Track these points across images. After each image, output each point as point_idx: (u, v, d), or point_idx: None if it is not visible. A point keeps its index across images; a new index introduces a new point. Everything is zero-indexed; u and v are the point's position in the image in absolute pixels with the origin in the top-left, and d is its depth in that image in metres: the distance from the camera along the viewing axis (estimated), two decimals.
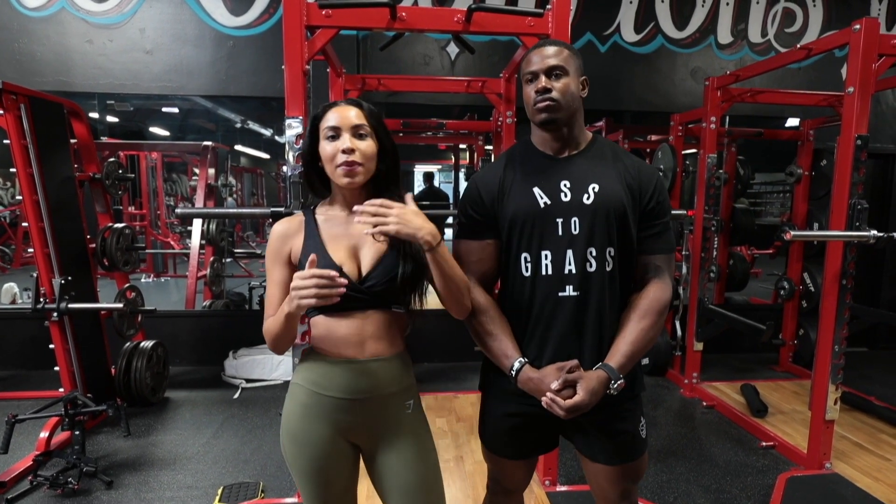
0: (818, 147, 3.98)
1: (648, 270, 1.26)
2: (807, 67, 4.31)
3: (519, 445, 1.35)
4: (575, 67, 1.23)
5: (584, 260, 1.20)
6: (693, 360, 3.57)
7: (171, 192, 8.77)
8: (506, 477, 1.42)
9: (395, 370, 1.21)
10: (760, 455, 2.76)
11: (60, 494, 2.30)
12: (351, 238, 1.20)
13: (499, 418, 1.33)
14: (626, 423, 1.27)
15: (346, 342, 1.16)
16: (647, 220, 1.24)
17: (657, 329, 1.22)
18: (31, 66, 3.76)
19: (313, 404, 1.18)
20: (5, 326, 3.89)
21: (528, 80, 1.24)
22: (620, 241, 1.22)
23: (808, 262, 3.98)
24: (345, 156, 1.14)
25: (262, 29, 3.90)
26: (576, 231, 1.21)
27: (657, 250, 1.26)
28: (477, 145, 5.38)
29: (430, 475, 1.24)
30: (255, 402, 3.41)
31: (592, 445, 1.29)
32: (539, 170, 1.26)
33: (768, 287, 5.76)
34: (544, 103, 1.20)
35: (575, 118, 1.25)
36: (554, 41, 1.25)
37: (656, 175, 1.27)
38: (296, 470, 1.21)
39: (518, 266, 1.25)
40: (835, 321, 2.42)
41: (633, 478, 1.31)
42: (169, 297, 6.70)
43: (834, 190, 2.43)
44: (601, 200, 1.21)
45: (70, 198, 2.88)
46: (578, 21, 4.10)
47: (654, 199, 1.24)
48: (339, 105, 1.19)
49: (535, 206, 1.22)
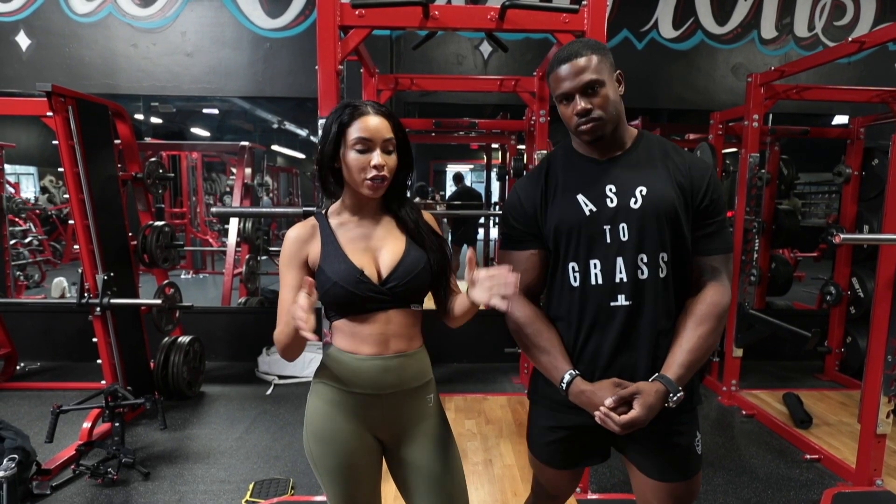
0: (869, 146, 3.78)
1: (704, 272, 1.19)
2: (857, 62, 4.11)
3: (567, 456, 1.30)
4: (609, 70, 1.14)
5: (635, 267, 1.15)
6: (732, 366, 3.44)
7: (211, 191, 9.01)
8: (551, 485, 1.39)
9: (418, 365, 1.24)
10: (804, 468, 2.64)
11: (101, 484, 2.39)
12: (367, 241, 1.22)
13: (547, 429, 1.29)
14: (682, 437, 1.20)
15: (371, 341, 1.19)
16: (701, 220, 1.18)
17: (716, 335, 1.15)
18: (79, 69, 3.91)
19: (340, 402, 1.20)
20: (55, 319, 4.06)
21: (562, 101, 1.17)
22: (674, 244, 1.16)
23: (856, 267, 3.79)
24: (375, 171, 1.15)
25: (298, 31, 3.95)
26: (625, 237, 1.15)
27: (713, 251, 1.19)
28: (509, 145, 5.33)
29: (452, 465, 1.27)
30: (287, 398, 3.46)
31: (645, 457, 1.23)
32: (582, 175, 1.21)
33: (812, 291, 5.52)
34: (588, 125, 1.14)
35: (619, 122, 1.18)
36: (579, 47, 1.14)
37: (709, 170, 1.19)
38: (322, 469, 1.21)
39: (566, 276, 1.20)
40: (888, 329, 2.29)
41: (686, 498, 1.23)
42: (206, 294, 6.89)
43: (888, 191, 2.31)
44: (650, 203, 1.14)
45: (113, 196, 2.99)
46: (615, 17, 4.02)
47: (708, 197, 1.17)
48: (369, 114, 1.16)
49: (581, 214, 1.17)
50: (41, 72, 3.86)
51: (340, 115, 1.17)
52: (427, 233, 1.25)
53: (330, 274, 1.16)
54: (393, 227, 1.25)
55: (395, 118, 1.21)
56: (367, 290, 1.16)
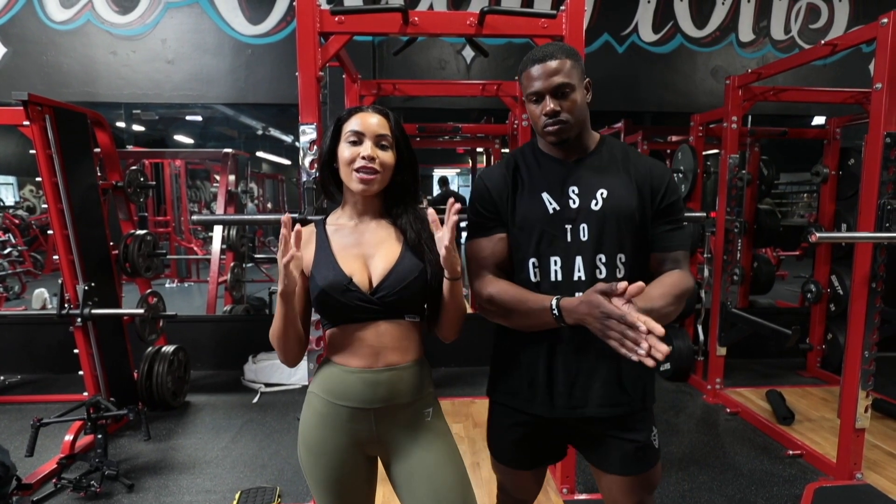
0: (845, 146, 3.87)
1: (666, 264, 1.21)
2: (832, 64, 4.19)
3: (526, 455, 1.33)
4: (579, 75, 1.17)
5: (593, 267, 1.18)
6: (716, 365, 3.48)
7: (195, 199, 8.94)
8: (515, 487, 1.40)
9: (412, 379, 1.18)
10: (787, 464, 2.68)
11: (83, 497, 2.34)
12: (361, 248, 1.19)
13: (508, 427, 1.31)
14: (638, 434, 1.24)
15: (361, 352, 1.15)
16: (661, 219, 1.21)
17: (675, 303, 1.12)
18: (58, 77, 3.86)
19: (329, 414, 1.17)
20: (35, 331, 3.99)
21: (532, 100, 1.19)
22: (632, 246, 1.20)
23: (836, 265, 3.86)
24: (364, 161, 1.13)
25: (280, 37, 3.94)
26: (584, 237, 1.18)
27: (674, 247, 1.22)
28: (493, 148, 5.37)
29: (457, 479, 1.19)
30: (274, 406, 3.43)
31: (604, 456, 1.26)
32: (548, 174, 1.24)
33: (794, 290, 5.61)
34: (555, 127, 1.17)
35: (584, 126, 1.23)
36: (553, 49, 1.17)
37: (668, 174, 1.23)
38: (312, 479, 1.20)
39: (526, 271, 1.23)
40: (864, 325, 2.34)
41: (647, 488, 1.27)
42: (192, 302, 6.82)
43: (862, 190, 2.35)
44: (610, 206, 1.18)
45: (94, 206, 2.95)
46: (595, 21, 4.06)
47: (667, 199, 1.21)
48: (365, 111, 1.18)
49: (545, 212, 1.20)
50: (18, 80, 3.80)
51: (340, 114, 1.18)
52: (429, 243, 1.18)
53: (318, 281, 1.14)
54: (391, 233, 1.21)
55: (396, 119, 1.20)
56: (355, 298, 1.12)
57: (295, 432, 1.23)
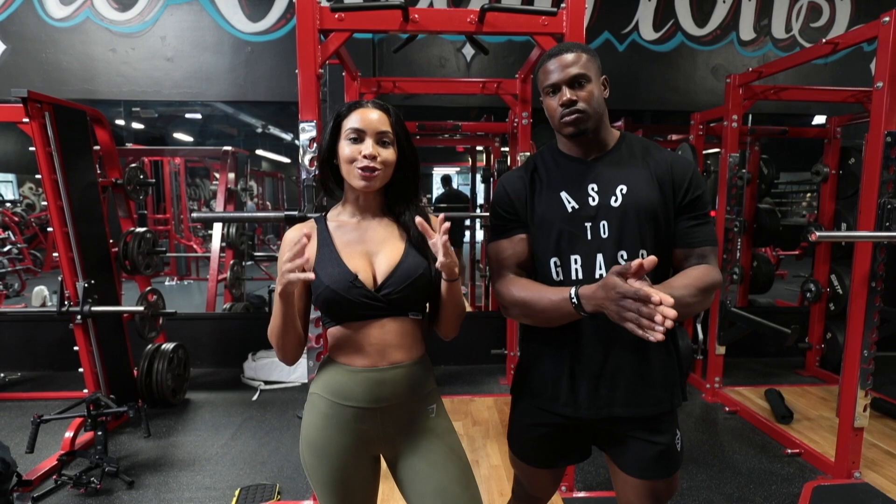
0: (846, 145, 3.86)
1: (691, 259, 1.18)
2: (833, 63, 4.19)
3: (547, 454, 1.31)
4: (596, 70, 1.18)
5: (615, 263, 1.15)
6: (715, 364, 3.48)
7: (195, 197, 8.93)
8: (532, 485, 1.39)
9: (416, 376, 1.18)
10: (785, 463, 2.68)
11: (83, 494, 2.35)
12: (365, 245, 1.17)
13: (529, 426, 1.30)
14: (663, 436, 1.22)
15: (365, 351, 1.14)
16: (685, 214, 1.19)
17: (702, 297, 1.09)
18: (57, 74, 3.86)
19: (333, 414, 1.15)
20: (35, 328, 3.99)
21: (548, 93, 1.19)
22: (654, 242, 1.17)
23: (835, 264, 3.86)
24: (366, 161, 1.12)
25: (280, 34, 3.94)
26: (605, 235, 1.17)
27: (697, 242, 1.18)
28: (493, 147, 5.35)
29: (461, 473, 1.19)
30: (274, 403, 3.44)
31: (626, 456, 1.24)
32: (566, 174, 1.23)
33: (794, 289, 5.61)
34: (572, 116, 1.16)
35: (602, 121, 1.21)
36: (570, 45, 1.19)
37: (691, 168, 1.21)
38: (316, 481, 1.19)
39: (547, 271, 1.22)
40: (863, 324, 2.34)
41: (663, 496, 1.25)
42: (192, 300, 6.82)
43: (862, 189, 2.35)
44: (629, 202, 1.17)
45: (93, 203, 2.95)
46: (596, 20, 4.06)
47: (691, 193, 1.18)
48: (365, 106, 1.16)
49: (564, 211, 1.20)
50: (17, 77, 3.80)
51: (340, 109, 1.16)
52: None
53: (322, 278, 1.12)
54: (394, 230, 1.21)
55: (397, 115, 1.18)
56: (361, 295, 1.11)
57: (294, 430, 1.23)
